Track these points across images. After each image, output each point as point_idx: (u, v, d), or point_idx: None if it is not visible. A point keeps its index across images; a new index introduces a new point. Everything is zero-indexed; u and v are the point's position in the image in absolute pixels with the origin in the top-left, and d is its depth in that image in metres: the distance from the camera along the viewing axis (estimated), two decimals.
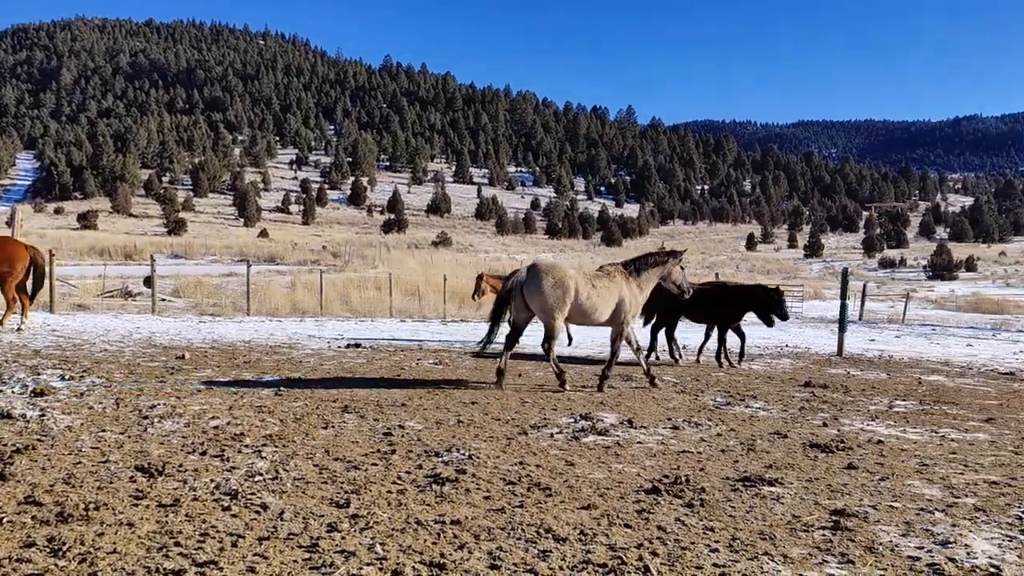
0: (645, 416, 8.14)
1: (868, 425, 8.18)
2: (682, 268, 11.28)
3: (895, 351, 18.53)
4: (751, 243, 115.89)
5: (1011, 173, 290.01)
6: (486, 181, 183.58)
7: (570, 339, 17.07)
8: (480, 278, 18.23)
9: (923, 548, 4.27)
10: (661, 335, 14.95)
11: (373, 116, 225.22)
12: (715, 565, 3.89)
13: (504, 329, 10.56)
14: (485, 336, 10.37)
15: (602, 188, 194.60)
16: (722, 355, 13.99)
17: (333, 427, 6.93)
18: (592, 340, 19.15)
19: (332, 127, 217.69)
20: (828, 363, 15.18)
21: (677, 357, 14.57)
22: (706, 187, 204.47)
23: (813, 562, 3.99)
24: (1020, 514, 4.98)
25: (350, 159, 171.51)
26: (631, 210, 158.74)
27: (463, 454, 6.02)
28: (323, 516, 4.42)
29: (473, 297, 18.66)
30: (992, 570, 3.96)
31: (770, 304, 13.77)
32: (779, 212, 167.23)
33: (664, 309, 14.30)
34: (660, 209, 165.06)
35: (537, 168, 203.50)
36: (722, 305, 13.97)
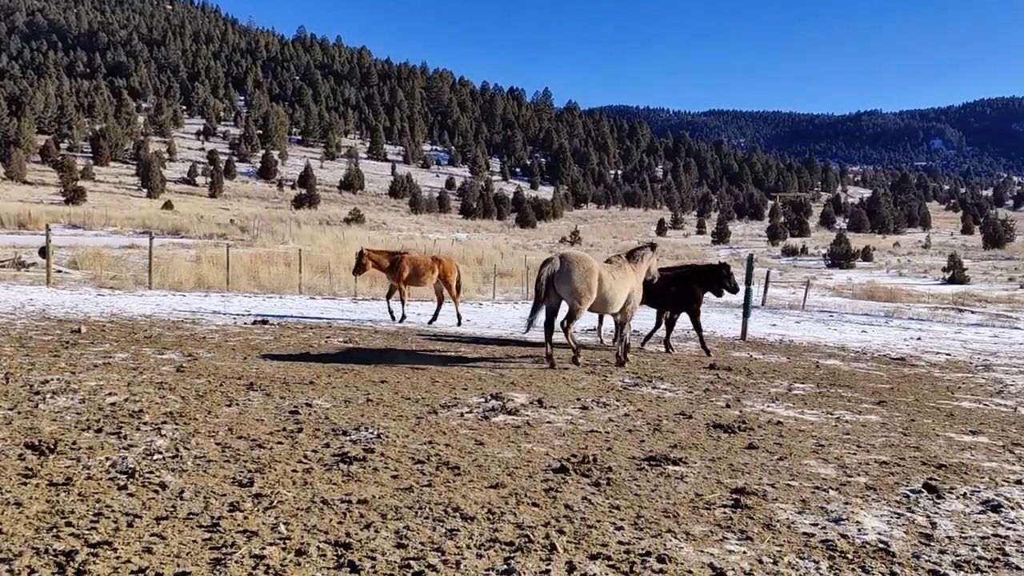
0: (555, 396, 8.20)
1: (769, 407, 8.44)
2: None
3: (795, 336, 19.21)
4: (661, 228, 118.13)
5: (907, 167, 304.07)
6: (401, 159, 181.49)
7: (403, 317, 17.28)
8: (361, 254, 17.65)
9: (817, 525, 4.42)
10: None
11: (285, 88, 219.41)
12: (620, 543, 3.94)
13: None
14: (528, 318, 10.96)
15: (517, 169, 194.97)
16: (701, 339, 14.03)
17: (237, 405, 6.75)
18: (504, 321, 19.25)
19: (242, 98, 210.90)
20: (732, 346, 15.63)
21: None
22: (619, 172, 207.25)
23: (714, 539, 4.09)
24: (908, 492, 5.22)
25: (261, 132, 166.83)
26: (546, 192, 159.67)
27: (372, 433, 5.94)
28: (225, 495, 4.29)
29: (354, 273, 18.22)
30: (881, 545, 4.13)
31: (721, 279, 13.96)
32: (689, 199, 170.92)
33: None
34: (574, 192, 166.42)
35: (453, 147, 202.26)
36: (683, 287, 14.01)
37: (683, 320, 15.35)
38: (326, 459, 5.17)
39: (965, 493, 5.29)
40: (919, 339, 21.07)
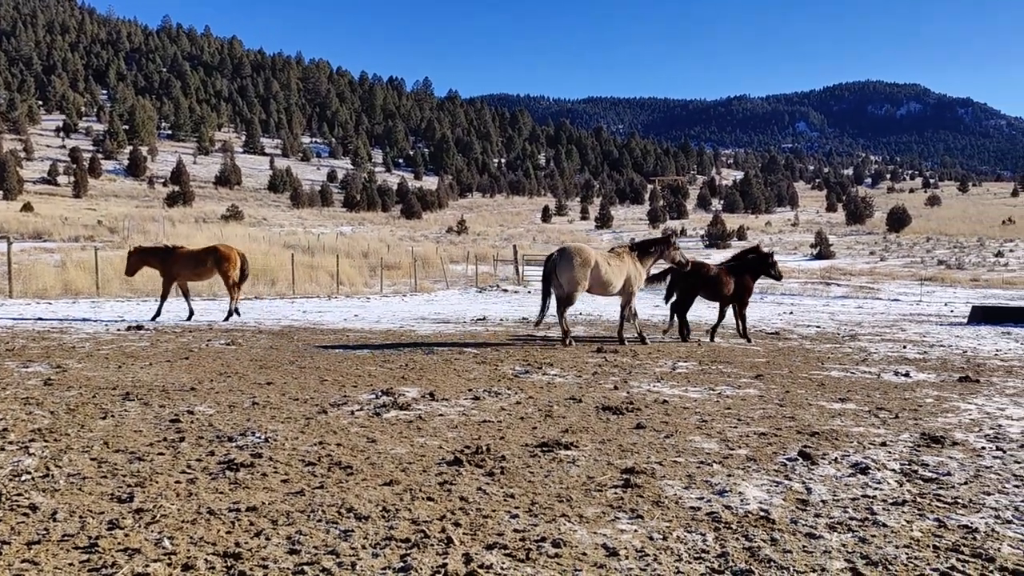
0: (446, 388, 8.21)
1: (654, 386, 8.70)
2: (676, 247, 13.76)
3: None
4: (546, 215, 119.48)
5: (775, 149, 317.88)
6: (279, 152, 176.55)
7: (190, 314, 16.57)
8: (131, 253, 16.85)
9: (703, 498, 4.60)
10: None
11: (152, 81, 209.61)
12: (515, 531, 3.99)
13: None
14: (540, 310, 12.84)
15: (400, 160, 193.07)
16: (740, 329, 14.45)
17: (113, 417, 6.45)
18: (393, 315, 19.10)
19: (105, 92, 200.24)
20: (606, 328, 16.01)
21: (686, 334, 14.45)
22: (503, 160, 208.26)
23: (606, 520, 4.19)
24: (785, 461, 5.49)
25: (127, 127, 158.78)
26: (430, 182, 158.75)
27: (259, 437, 5.79)
28: (103, 513, 4.10)
29: (127, 274, 17.21)
30: (762, 513, 4.34)
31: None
32: (572, 185, 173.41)
33: (683, 288, 14.29)
34: (459, 182, 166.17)
35: (333, 139, 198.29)
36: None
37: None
38: (211, 467, 5.01)
39: (836, 458, 5.60)
40: (791, 313, 22.15)
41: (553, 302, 12.79)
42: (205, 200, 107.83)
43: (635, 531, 4.02)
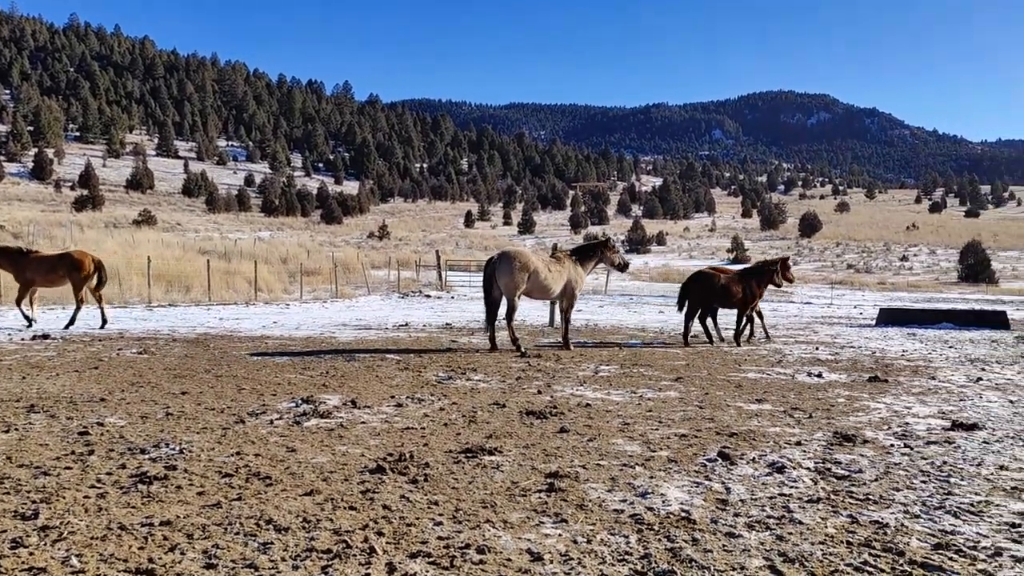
0: (369, 395, 8.10)
1: (577, 390, 8.77)
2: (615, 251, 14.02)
3: (599, 320, 20.07)
4: (469, 221, 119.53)
5: (692, 156, 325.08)
6: (194, 155, 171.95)
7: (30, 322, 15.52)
8: None
9: (626, 500, 4.64)
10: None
11: (58, 80, 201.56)
12: (439, 538, 3.95)
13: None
14: (486, 315, 12.75)
15: (320, 165, 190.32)
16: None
17: (17, 430, 6.15)
18: (313, 321, 18.79)
19: (8, 91, 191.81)
20: (541, 333, 16.09)
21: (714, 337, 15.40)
22: (425, 165, 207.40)
23: (531, 524, 4.19)
24: (705, 462, 5.59)
25: (31, 128, 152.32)
26: (351, 187, 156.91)
27: (173, 449, 5.60)
28: (6, 532, 3.89)
29: None
30: (683, 514, 4.40)
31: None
32: (495, 191, 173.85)
33: (699, 297, 14.88)
34: (380, 187, 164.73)
35: (250, 142, 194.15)
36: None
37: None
38: (123, 481, 4.82)
39: (754, 458, 5.73)
40: None
41: (499, 306, 12.75)
42: (116, 204, 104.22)
43: (559, 535, 4.03)
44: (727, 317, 17.50)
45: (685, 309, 14.98)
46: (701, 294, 14.74)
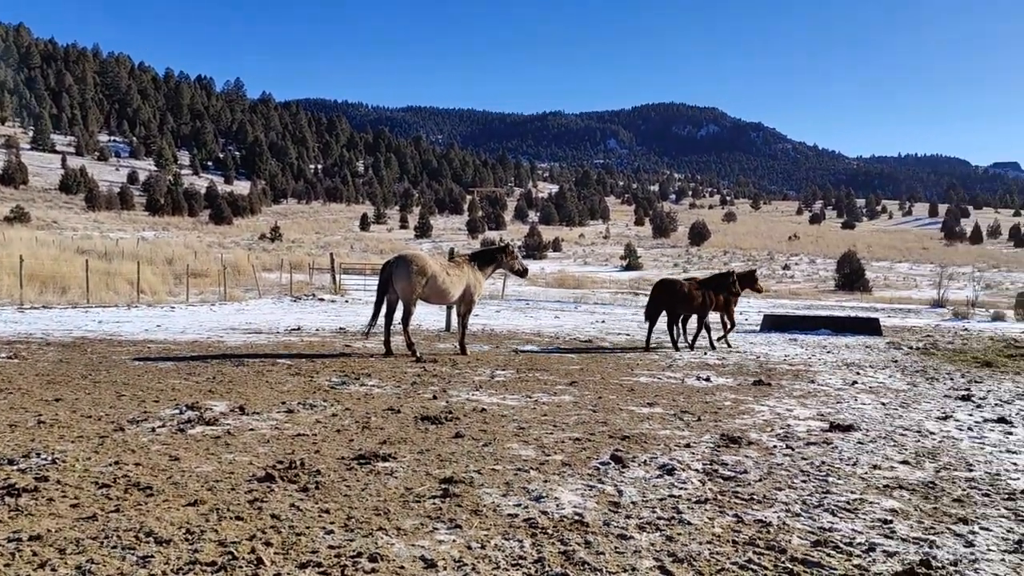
0: (258, 401, 7.87)
1: (473, 395, 8.76)
2: (515, 256, 13.96)
3: (496, 325, 20.13)
4: (365, 223, 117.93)
5: (588, 165, 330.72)
6: (72, 150, 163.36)
7: None
8: None
9: (520, 505, 4.65)
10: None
11: None
12: (330, 547, 3.86)
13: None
14: (372, 315, 12.64)
15: (210, 163, 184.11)
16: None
17: None
18: (200, 324, 18.17)
19: None
20: (438, 338, 16.01)
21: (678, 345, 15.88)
22: (320, 166, 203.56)
23: (425, 531, 4.14)
24: (598, 465, 5.66)
25: None
26: (242, 187, 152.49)
27: (45, 459, 5.29)
28: None
29: None
30: (576, 517, 4.44)
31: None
32: (391, 193, 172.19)
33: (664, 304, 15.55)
34: (273, 187, 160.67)
35: (135, 138, 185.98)
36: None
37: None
38: None
39: (645, 460, 5.85)
40: (603, 322, 23.05)
41: (395, 311, 12.56)
42: None
43: (453, 541, 4.00)
44: (720, 322, 17.80)
45: (652, 315, 15.62)
46: (666, 301, 15.43)
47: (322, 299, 29.45)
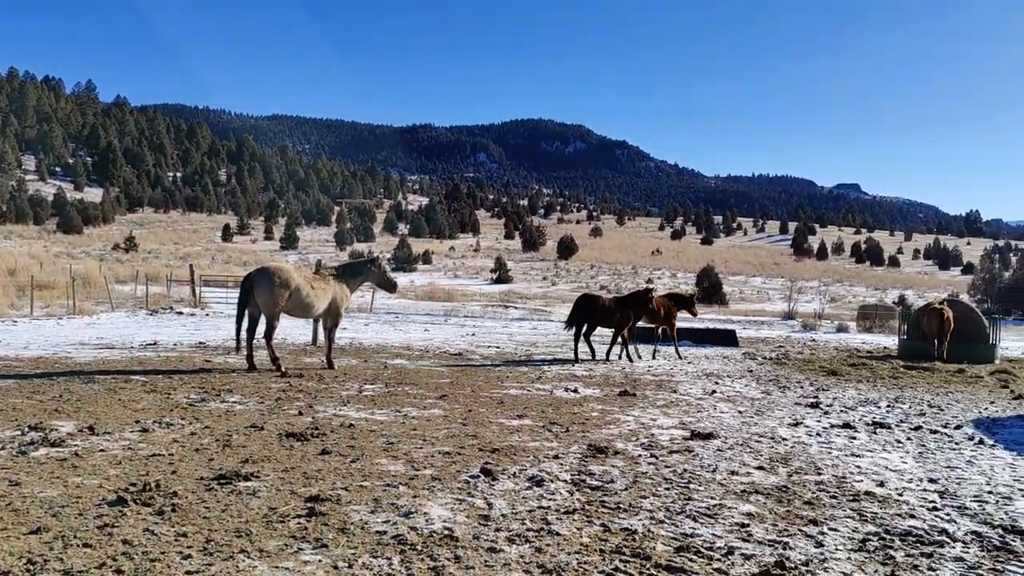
0: (109, 421, 7.42)
1: (341, 410, 8.57)
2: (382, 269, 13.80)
3: (364, 338, 19.83)
4: (227, 234, 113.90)
5: (458, 178, 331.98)
6: None
7: None
8: None
9: (389, 521, 4.58)
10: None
11: None
12: (188, 572, 3.68)
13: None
14: (236, 331, 12.15)
15: (58, 169, 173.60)
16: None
17: None
18: (46, 340, 17.04)
19: None
20: (304, 352, 15.61)
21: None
22: (179, 174, 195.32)
23: (289, 552, 4.01)
24: (468, 479, 5.65)
25: None
26: (94, 194, 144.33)
27: None
28: None
29: None
30: (446, 532, 4.41)
31: None
32: (255, 204, 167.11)
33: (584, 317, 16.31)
34: (128, 195, 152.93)
35: None
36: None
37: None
38: None
39: (515, 473, 5.88)
40: (473, 335, 23.11)
41: (257, 324, 12.09)
42: None
43: (319, 561, 3.89)
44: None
45: (574, 328, 16.52)
46: (587, 314, 16.21)
47: (181, 312, 28.18)
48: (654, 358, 17.49)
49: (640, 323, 17.89)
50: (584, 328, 16.52)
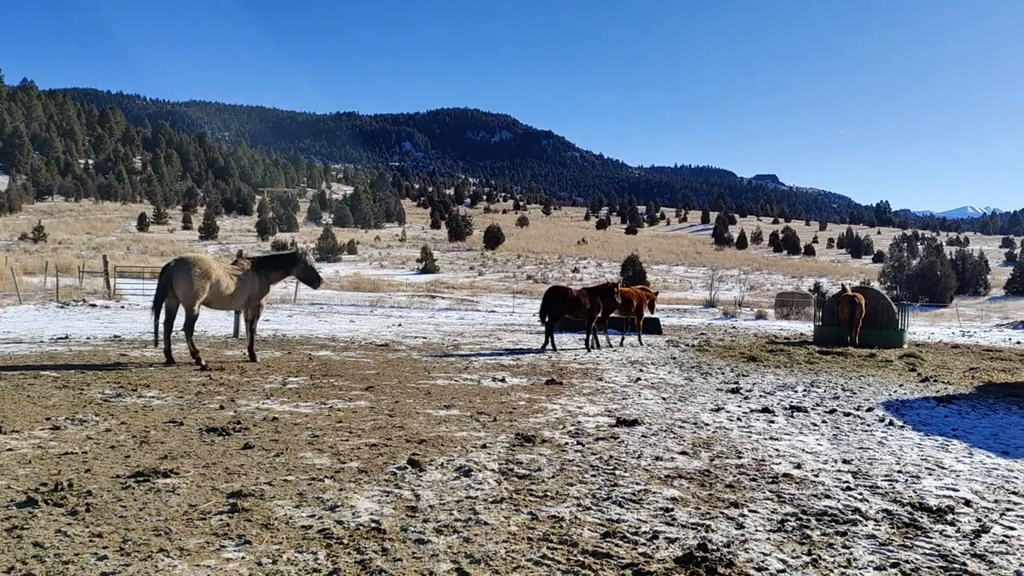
0: (17, 418, 7.11)
1: (264, 403, 8.41)
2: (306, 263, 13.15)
3: (288, 330, 19.49)
4: (143, 224, 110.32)
5: (383, 167, 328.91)
6: None
7: None
8: None
9: (315, 516, 4.51)
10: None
11: None
12: (103, 574, 3.56)
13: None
14: (154, 324, 11.76)
15: None
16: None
17: None
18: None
19: None
20: (225, 345, 15.26)
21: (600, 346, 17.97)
22: (91, 162, 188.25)
23: (211, 550, 3.91)
24: (395, 470, 5.61)
25: None
26: None
27: None
28: None
29: None
30: (373, 525, 4.36)
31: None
32: (173, 192, 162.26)
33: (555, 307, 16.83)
34: (36, 183, 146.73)
35: None
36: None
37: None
38: None
39: (443, 463, 5.86)
40: (400, 325, 22.95)
41: (175, 316, 11.72)
42: None
43: (243, 558, 3.81)
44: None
45: (544, 316, 17.03)
46: (557, 305, 16.76)
47: (94, 305, 27.19)
48: (622, 345, 18.54)
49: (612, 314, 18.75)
50: (551, 318, 17.04)
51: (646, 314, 20.66)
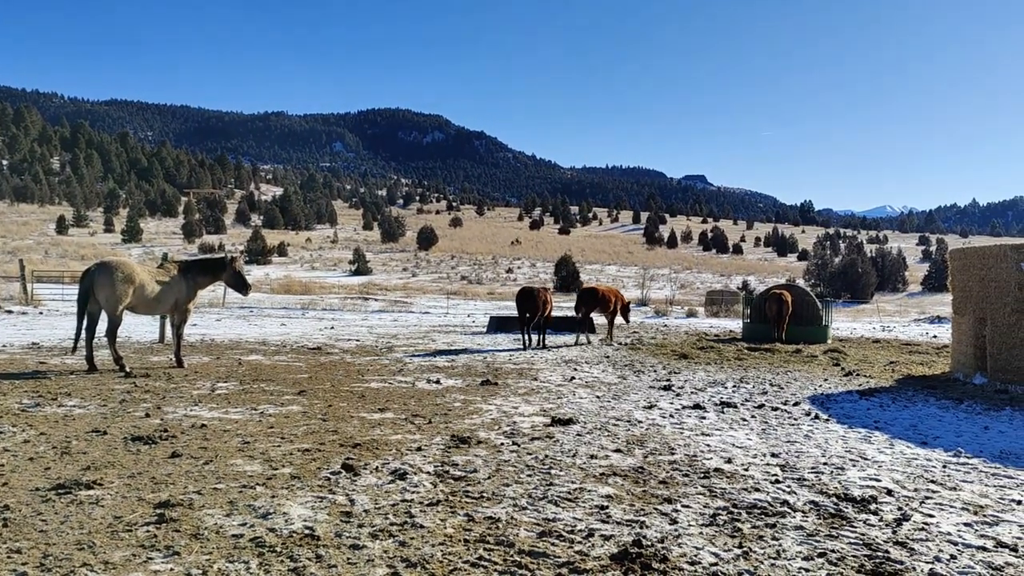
0: None
1: (192, 410, 8.20)
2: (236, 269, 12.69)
3: (216, 334, 19.06)
4: (62, 226, 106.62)
5: (314, 167, 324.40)
6: None
7: None
8: None
9: (246, 524, 4.41)
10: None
11: None
12: None
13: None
14: (76, 331, 11.31)
15: None
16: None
17: None
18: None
19: None
20: (150, 351, 14.84)
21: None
22: (5, 162, 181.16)
23: (137, 562, 3.79)
24: (329, 475, 5.53)
25: None
26: None
27: None
28: None
29: None
30: (307, 532, 4.29)
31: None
32: (93, 194, 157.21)
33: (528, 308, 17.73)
34: None
35: None
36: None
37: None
38: None
39: (377, 467, 5.80)
40: (332, 328, 22.67)
41: (97, 322, 11.30)
42: None
43: (171, 570, 3.70)
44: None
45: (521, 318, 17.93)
46: (528, 305, 17.62)
47: (10, 311, 26.16)
48: (588, 342, 19.48)
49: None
50: (527, 318, 17.82)
51: (619, 322, 21.80)
